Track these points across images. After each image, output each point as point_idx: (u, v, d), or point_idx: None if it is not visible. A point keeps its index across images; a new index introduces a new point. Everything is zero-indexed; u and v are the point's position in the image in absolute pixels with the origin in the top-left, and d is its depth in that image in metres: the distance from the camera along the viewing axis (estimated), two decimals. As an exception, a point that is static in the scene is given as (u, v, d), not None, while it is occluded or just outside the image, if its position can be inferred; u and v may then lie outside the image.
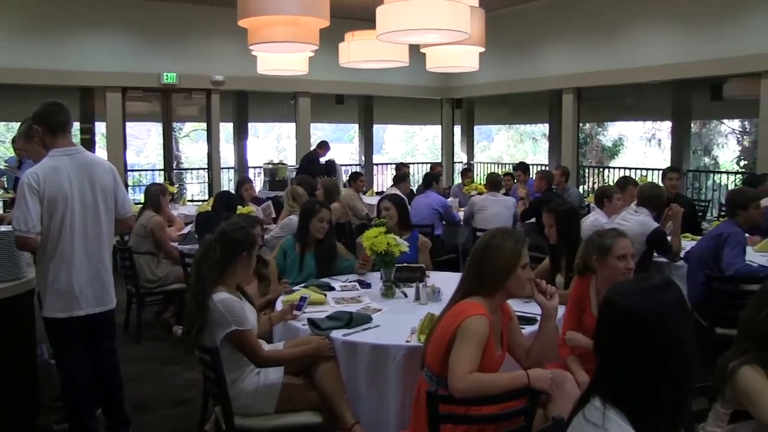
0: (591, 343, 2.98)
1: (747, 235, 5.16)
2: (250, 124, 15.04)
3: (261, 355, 3.16)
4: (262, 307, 3.99)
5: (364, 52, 6.68)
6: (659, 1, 10.09)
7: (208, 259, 3.18)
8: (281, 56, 7.43)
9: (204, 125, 12.76)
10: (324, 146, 11.37)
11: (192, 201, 11.13)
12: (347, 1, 9.66)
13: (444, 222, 7.50)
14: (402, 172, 9.28)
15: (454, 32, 5.08)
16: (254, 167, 14.16)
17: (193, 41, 11.71)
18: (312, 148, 11.85)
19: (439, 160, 14.93)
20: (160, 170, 13.27)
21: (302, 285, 4.26)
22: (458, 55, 6.80)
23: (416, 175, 15.25)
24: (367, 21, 5.38)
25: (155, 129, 17.62)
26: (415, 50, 6.76)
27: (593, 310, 3.45)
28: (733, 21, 9.18)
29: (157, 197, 6.13)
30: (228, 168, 13.88)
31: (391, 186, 8.85)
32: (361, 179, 8.84)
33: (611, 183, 9.39)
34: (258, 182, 12.82)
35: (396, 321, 3.50)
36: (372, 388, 3.15)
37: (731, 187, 11.41)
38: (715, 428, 2.46)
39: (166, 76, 11.39)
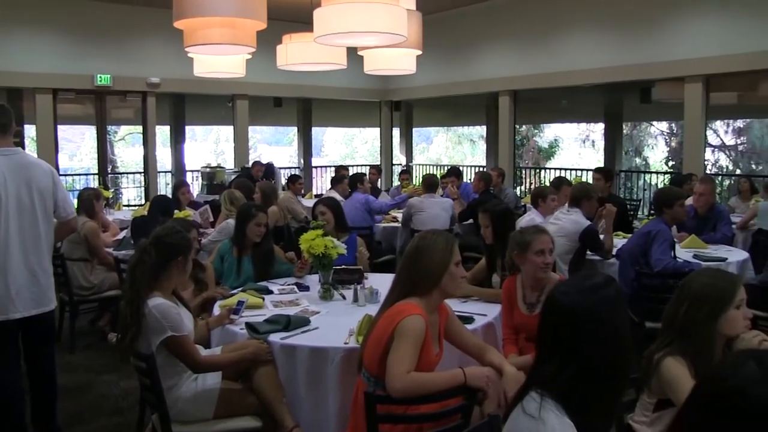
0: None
1: (675, 232, 5.37)
2: (187, 127, 14.83)
3: (198, 360, 3.13)
4: (197, 309, 3.94)
5: (301, 55, 6.64)
6: (591, 8, 10.38)
7: (143, 263, 3.13)
8: (218, 58, 7.33)
9: (140, 128, 12.51)
10: (257, 166, 11.16)
11: (128, 206, 10.88)
12: (285, 3, 9.61)
13: (373, 215, 7.53)
14: (339, 174, 9.30)
15: (392, 35, 5.12)
16: (192, 171, 13.96)
17: (127, 42, 11.46)
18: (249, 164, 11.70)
19: (378, 163, 14.99)
20: (94, 174, 12.93)
21: (240, 289, 4.23)
22: (396, 57, 6.83)
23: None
24: (305, 23, 5.37)
25: (89, 132, 17.15)
26: (353, 53, 6.77)
27: (519, 306, 3.56)
28: (660, 28, 9.51)
29: (90, 202, 5.97)
30: (165, 172, 13.64)
31: (330, 189, 8.85)
32: (299, 182, 8.80)
33: (547, 184, 9.59)
34: (196, 186, 12.65)
35: (334, 323, 3.50)
36: (311, 391, 3.15)
37: (661, 186, 11.81)
38: (642, 417, 2.56)
39: (100, 77, 11.12)
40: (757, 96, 10.76)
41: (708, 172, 14.92)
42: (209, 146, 24.27)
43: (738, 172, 17.95)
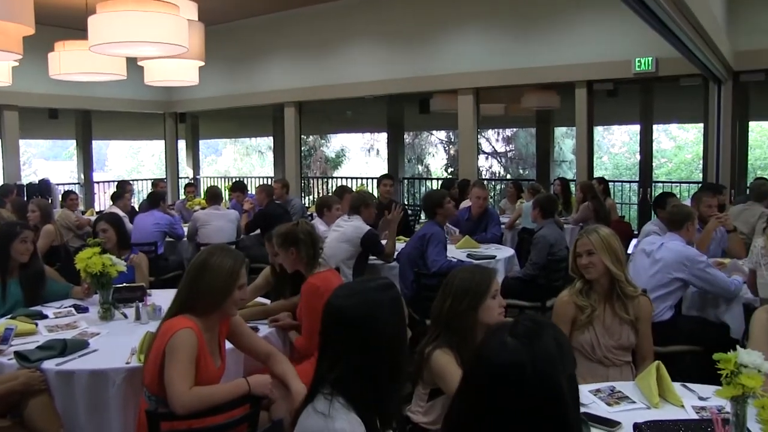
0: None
1: (448, 235, 5.81)
2: (-56, 141, 13.28)
3: (-46, 400, 2.85)
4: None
5: (76, 64, 6.28)
6: (371, 23, 10.86)
7: None
8: (-23, 65, 6.72)
9: None
10: None
11: None
12: (59, 8, 9.02)
13: (171, 239, 7.36)
14: (120, 189, 8.92)
15: (172, 46, 5.03)
16: (-49, 189, 12.55)
17: None
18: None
19: (165, 176, 14.51)
20: None
21: (8, 316, 3.91)
22: (177, 68, 6.70)
23: (142, 192, 14.69)
24: (82, 30, 5.08)
25: None
26: (134, 63, 6.54)
27: None
28: (435, 44, 10.22)
29: None
30: None
31: (111, 205, 8.47)
32: (71, 197, 8.26)
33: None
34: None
35: (115, 343, 3.37)
36: (92, 417, 3.00)
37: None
38: (417, 407, 2.78)
39: None
40: (520, 108, 11.91)
41: (483, 177, 16.21)
42: (-27, 161, 21.94)
43: (508, 176, 19.64)
